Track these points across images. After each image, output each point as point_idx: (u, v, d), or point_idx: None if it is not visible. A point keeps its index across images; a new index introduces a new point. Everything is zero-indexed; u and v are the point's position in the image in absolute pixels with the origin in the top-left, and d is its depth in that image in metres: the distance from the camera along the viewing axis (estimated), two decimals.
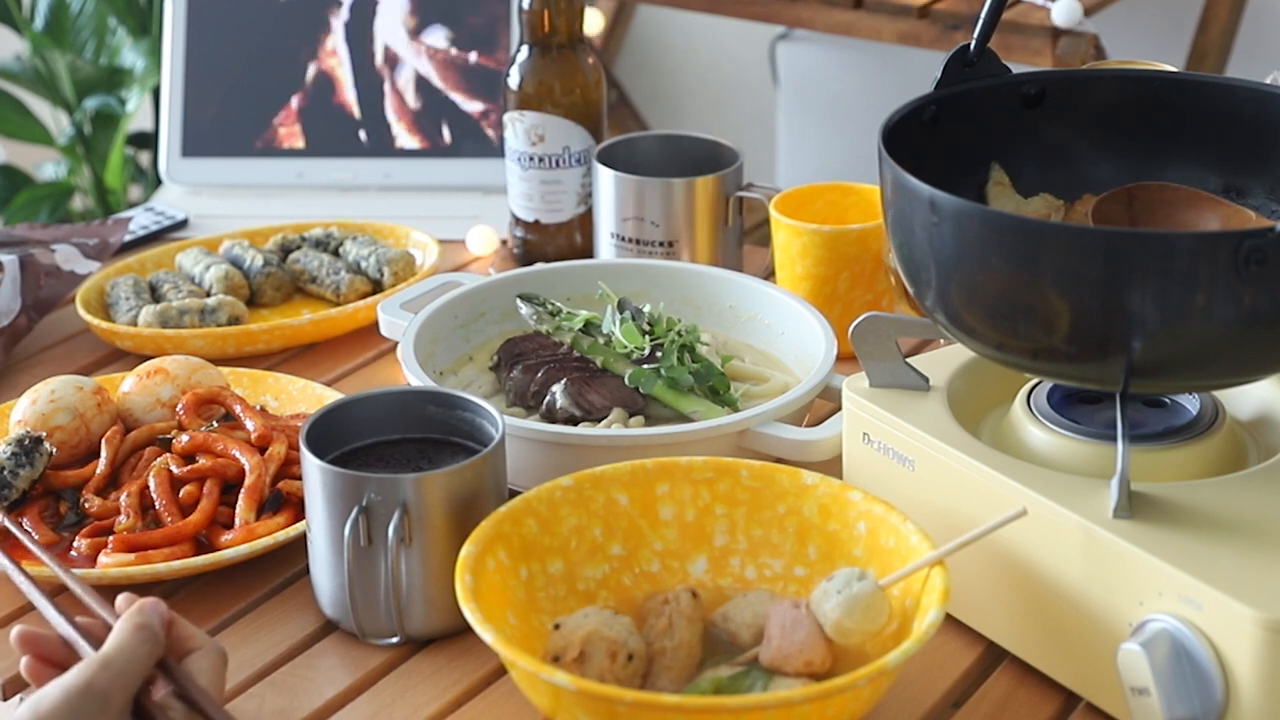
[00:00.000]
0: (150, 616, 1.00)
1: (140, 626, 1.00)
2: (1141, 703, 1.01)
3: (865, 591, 1.05)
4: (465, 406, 1.21)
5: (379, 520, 1.13)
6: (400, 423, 1.22)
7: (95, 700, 0.96)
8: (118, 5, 2.82)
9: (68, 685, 0.96)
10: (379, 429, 1.21)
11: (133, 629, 0.99)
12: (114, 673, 0.97)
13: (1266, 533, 1.03)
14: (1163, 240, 1.02)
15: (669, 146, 1.66)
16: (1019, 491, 1.08)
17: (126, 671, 0.97)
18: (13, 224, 2.59)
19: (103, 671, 0.97)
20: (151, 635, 0.99)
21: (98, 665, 0.97)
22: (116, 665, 0.97)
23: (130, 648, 0.98)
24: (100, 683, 0.96)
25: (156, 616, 1.01)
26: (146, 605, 1.01)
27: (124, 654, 0.98)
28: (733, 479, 1.17)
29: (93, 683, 0.96)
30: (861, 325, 1.18)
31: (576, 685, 0.98)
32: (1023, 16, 2.16)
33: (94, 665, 0.97)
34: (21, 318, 1.56)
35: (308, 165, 1.89)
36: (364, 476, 1.13)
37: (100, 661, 0.97)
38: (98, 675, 0.97)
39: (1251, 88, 1.19)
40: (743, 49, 3.20)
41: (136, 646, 0.98)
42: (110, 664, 0.97)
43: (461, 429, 1.21)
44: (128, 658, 0.98)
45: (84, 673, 0.97)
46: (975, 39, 1.19)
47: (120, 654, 0.98)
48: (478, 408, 1.20)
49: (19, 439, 1.29)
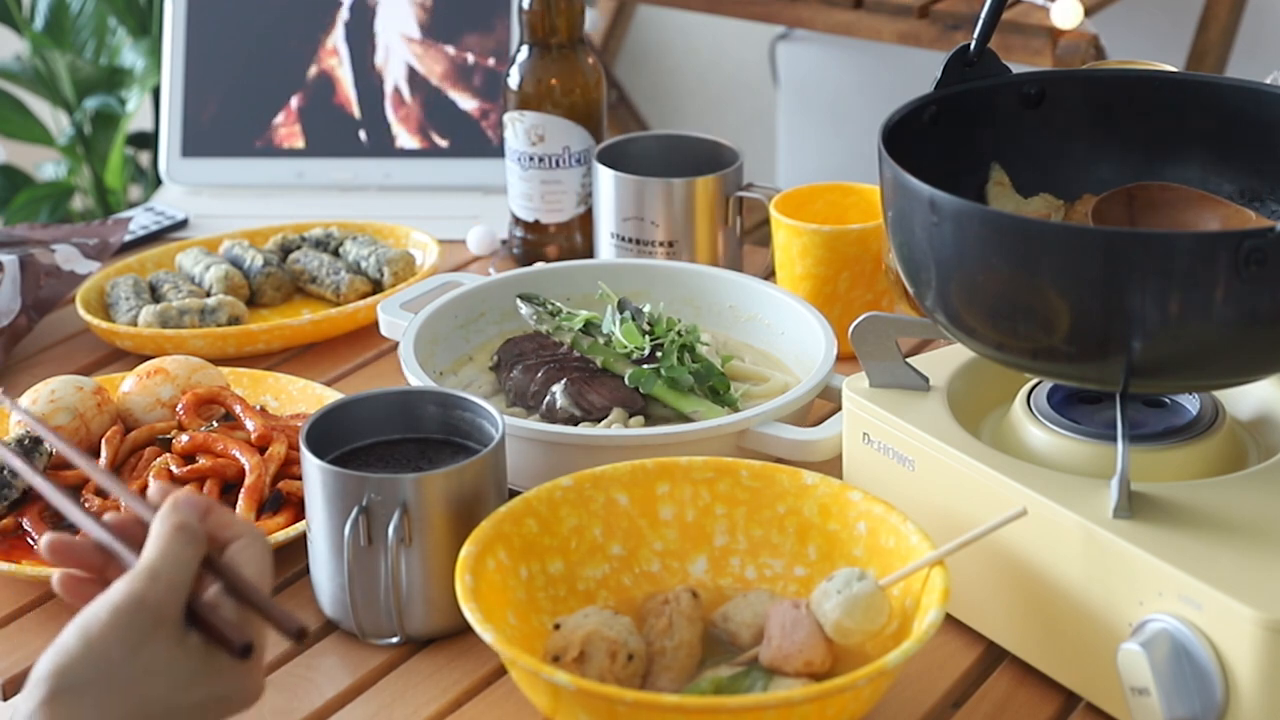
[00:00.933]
0: (188, 514, 0.92)
1: (180, 527, 0.91)
2: (1141, 703, 1.01)
3: (865, 591, 1.05)
4: (465, 406, 1.21)
5: (379, 520, 1.13)
6: (400, 423, 1.22)
7: (149, 615, 0.88)
8: (118, 5, 2.82)
9: (116, 603, 0.88)
10: (379, 429, 1.21)
11: (173, 531, 0.91)
12: (164, 584, 0.89)
13: (1266, 533, 1.03)
14: (1163, 240, 1.02)
15: (669, 146, 1.66)
16: (1019, 491, 1.08)
17: (175, 580, 0.90)
18: (13, 224, 2.59)
19: (152, 584, 0.89)
20: (193, 535, 0.91)
21: (145, 578, 0.89)
22: (165, 575, 0.89)
23: (175, 553, 0.90)
24: (151, 596, 0.88)
25: (194, 512, 0.92)
26: (182, 502, 0.93)
27: (169, 561, 0.90)
28: (733, 479, 1.17)
29: (144, 598, 0.88)
30: (861, 325, 1.18)
31: (576, 685, 0.98)
32: (1023, 16, 2.16)
33: (141, 578, 0.89)
34: (21, 318, 1.56)
35: (308, 165, 1.89)
36: (364, 476, 1.13)
37: (147, 573, 0.89)
38: (148, 589, 0.89)
39: (1251, 88, 1.19)
40: (743, 49, 3.20)
41: (180, 550, 0.90)
42: (158, 575, 0.89)
43: (462, 429, 1.21)
44: (174, 565, 0.90)
45: (132, 587, 0.89)
46: (975, 39, 1.19)
47: (166, 561, 0.90)
48: (478, 408, 1.20)
49: (19, 439, 1.29)
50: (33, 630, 1.20)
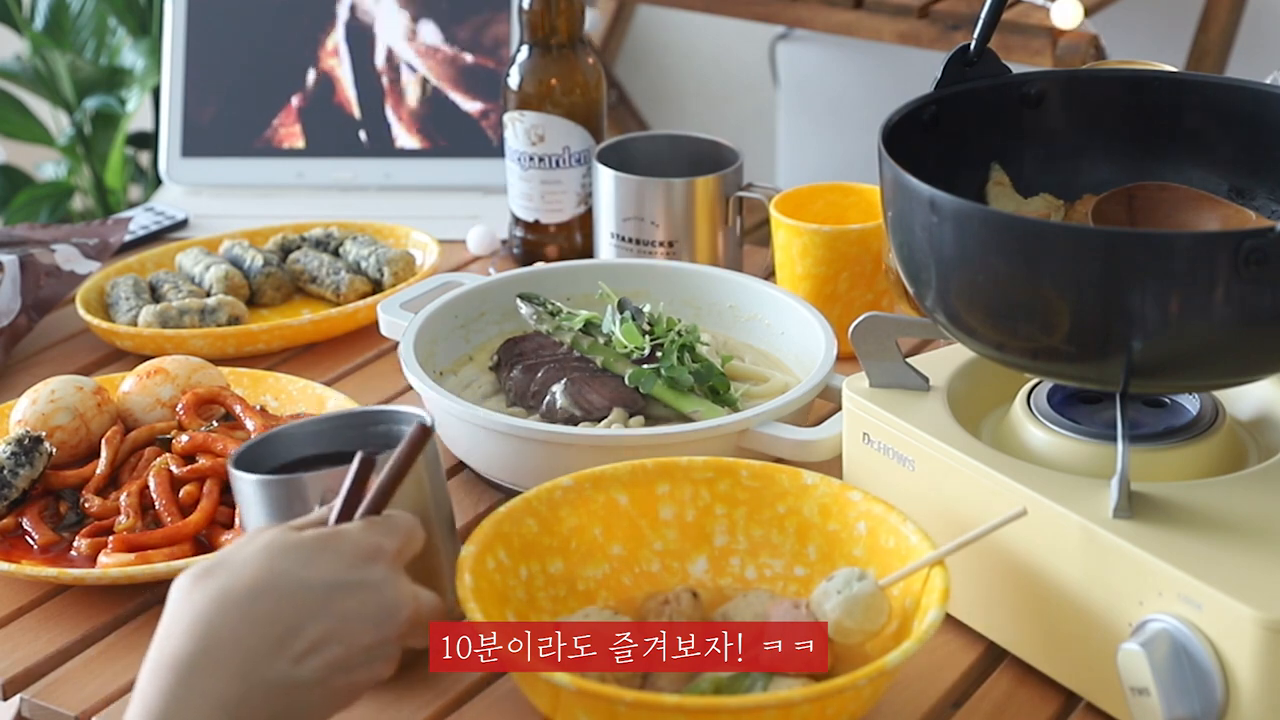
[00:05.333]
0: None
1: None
2: (1141, 703, 1.01)
3: (865, 591, 1.05)
4: (393, 419, 1.15)
5: None
6: (330, 442, 1.16)
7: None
8: (118, 5, 2.82)
9: None
10: (308, 448, 1.15)
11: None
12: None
13: (1266, 533, 1.03)
14: (1163, 240, 1.02)
15: (669, 146, 1.66)
16: (1019, 491, 1.08)
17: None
18: (13, 224, 2.59)
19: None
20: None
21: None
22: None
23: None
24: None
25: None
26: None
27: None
28: (733, 479, 1.17)
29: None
30: (861, 325, 1.18)
31: (576, 685, 0.98)
32: (1023, 16, 2.16)
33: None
34: (21, 318, 1.56)
35: (308, 165, 1.89)
36: (314, 475, 1.07)
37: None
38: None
39: (1251, 88, 1.19)
40: (743, 49, 3.20)
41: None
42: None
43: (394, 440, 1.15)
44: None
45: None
46: (975, 39, 1.19)
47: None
48: (404, 416, 1.14)
49: (19, 439, 1.29)
50: (33, 630, 1.20)
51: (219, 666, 0.92)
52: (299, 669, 0.93)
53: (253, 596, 0.94)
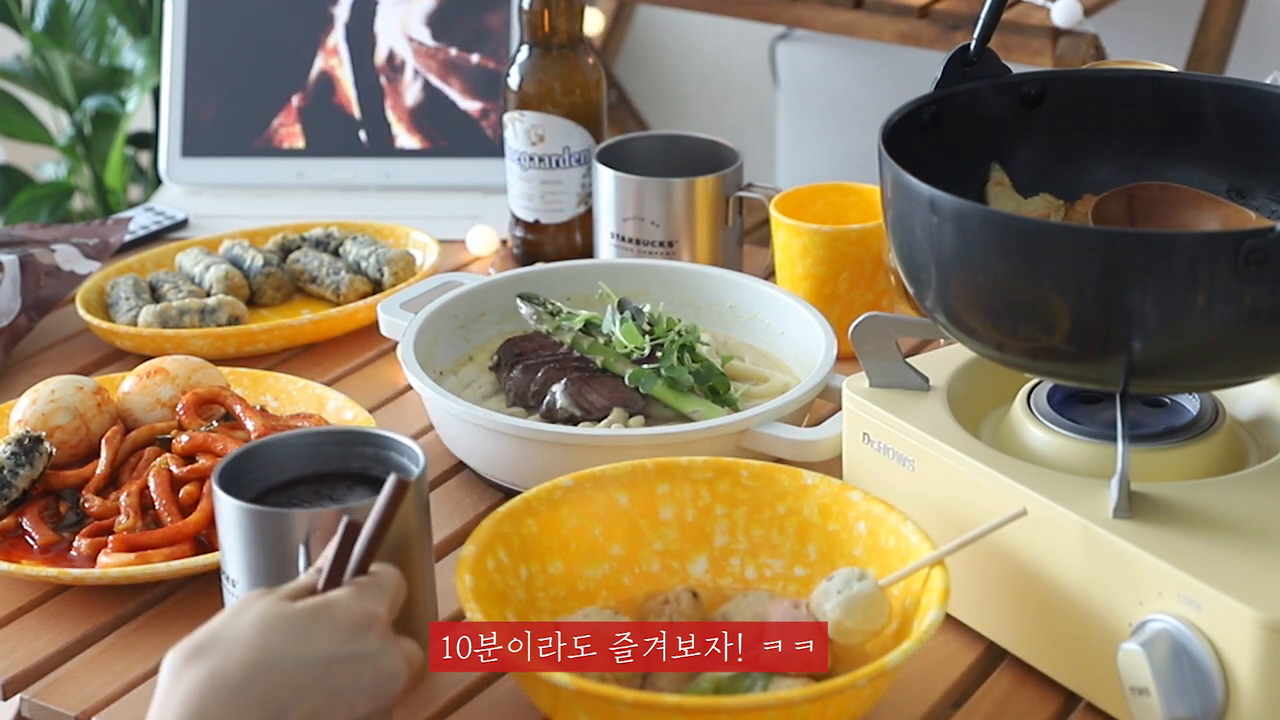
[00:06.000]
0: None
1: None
2: (1141, 703, 1.01)
3: (865, 591, 1.05)
4: (382, 444, 1.13)
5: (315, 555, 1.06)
6: (315, 462, 1.14)
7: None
8: (118, 5, 2.82)
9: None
10: (294, 468, 1.14)
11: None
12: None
13: (1266, 533, 1.03)
14: (1163, 240, 1.02)
15: (669, 146, 1.66)
16: (1019, 491, 1.08)
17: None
18: (13, 224, 2.59)
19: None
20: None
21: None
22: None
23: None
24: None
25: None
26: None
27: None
28: (733, 479, 1.17)
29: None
30: (861, 325, 1.18)
31: (576, 685, 0.98)
32: (1023, 16, 2.16)
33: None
34: (21, 318, 1.56)
35: (308, 165, 1.89)
36: (299, 514, 1.06)
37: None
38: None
39: (1251, 88, 1.19)
40: (743, 49, 3.20)
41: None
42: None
43: (381, 464, 1.14)
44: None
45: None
46: (975, 39, 1.19)
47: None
48: (397, 444, 1.12)
49: (19, 439, 1.29)
50: (33, 630, 1.20)
51: None
52: None
53: (246, 678, 0.92)
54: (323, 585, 0.99)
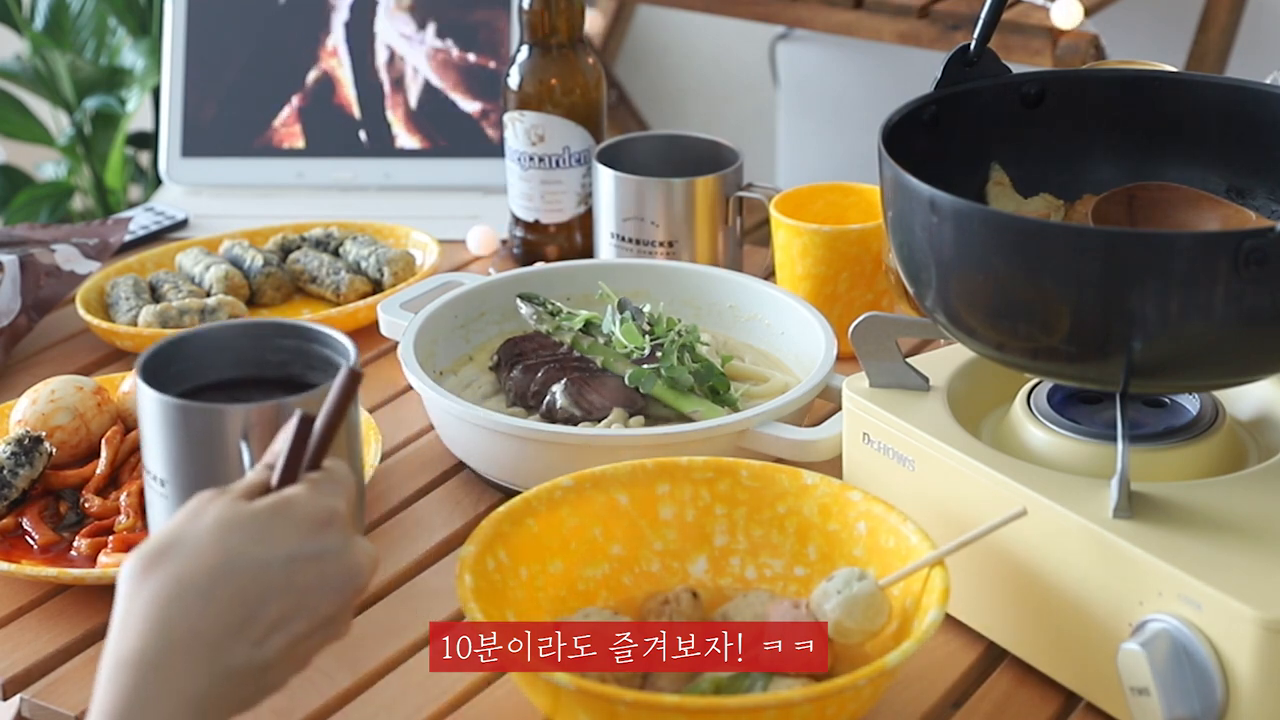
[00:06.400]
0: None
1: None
2: (1141, 703, 1.01)
3: (865, 591, 1.05)
4: (307, 336, 1.09)
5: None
6: (242, 362, 1.10)
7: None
8: (118, 5, 2.81)
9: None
10: (217, 369, 1.09)
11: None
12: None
13: (1266, 533, 1.03)
14: (1163, 240, 1.02)
15: (669, 146, 1.66)
16: (1019, 491, 1.08)
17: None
18: (13, 224, 2.59)
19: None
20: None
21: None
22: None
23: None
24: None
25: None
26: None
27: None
28: (733, 479, 1.17)
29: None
30: (861, 325, 1.18)
31: (576, 685, 0.98)
32: (1023, 16, 2.16)
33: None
34: (21, 318, 1.56)
35: (308, 165, 1.89)
36: (233, 409, 1.01)
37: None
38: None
39: (1251, 88, 1.19)
40: (743, 49, 3.20)
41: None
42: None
43: (310, 361, 1.10)
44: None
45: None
46: (975, 39, 1.19)
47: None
48: (326, 338, 1.09)
49: (19, 439, 1.29)
50: (33, 630, 1.20)
51: (181, 661, 0.88)
52: (262, 650, 0.90)
53: (211, 582, 0.89)
54: (277, 482, 0.95)
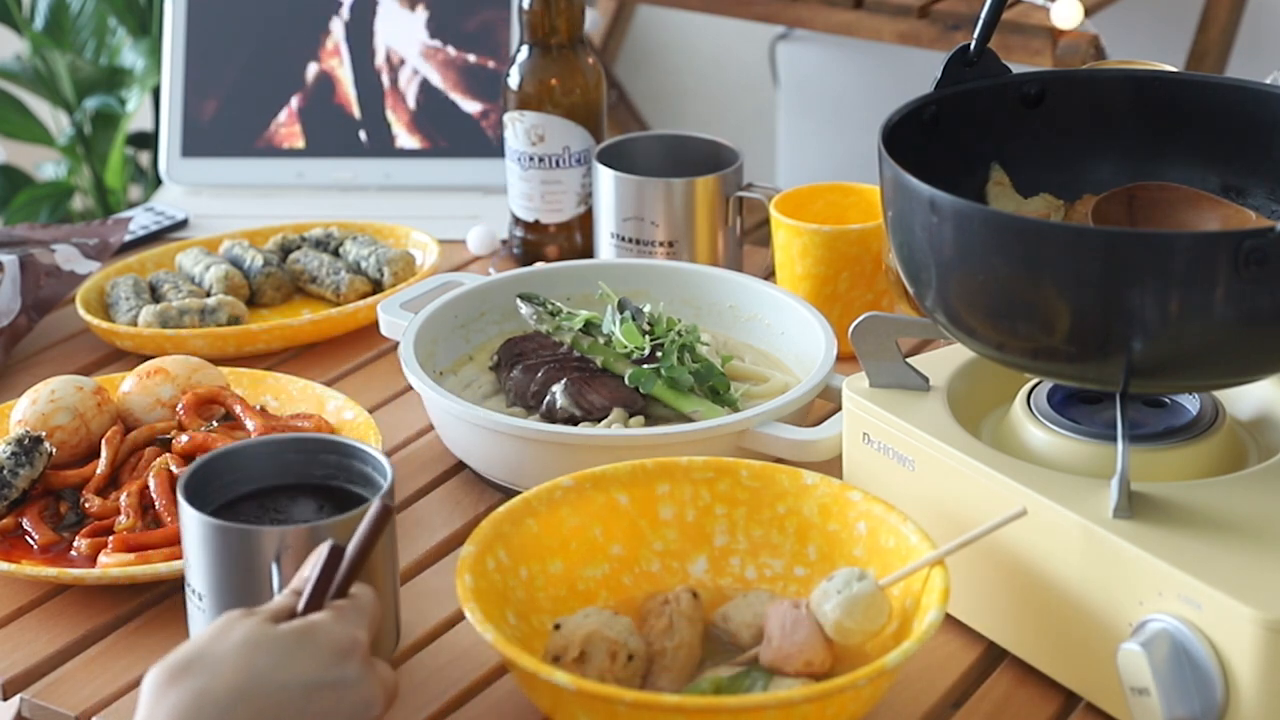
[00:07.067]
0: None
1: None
2: (1141, 703, 1.01)
3: (865, 591, 1.05)
4: (345, 452, 1.13)
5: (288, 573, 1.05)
6: (280, 469, 1.14)
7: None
8: (118, 5, 2.82)
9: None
10: (260, 477, 1.13)
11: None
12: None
13: (1266, 533, 1.03)
14: (1163, 240, 1.02)
15: (669, 146, 1.66)
16: (1019, 491, 1.08)
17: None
18: (13, 224, 2.59)
19: None
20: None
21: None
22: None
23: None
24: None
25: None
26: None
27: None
28: (733, 479, 1.17)
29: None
30: (861, 325, 1.18)
31: (576, 685, 0.98)
32: (1023, 16, 2.16)
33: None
34: (21, 318, 1.56)
35: (308, 165, 1.89)
36: (268, 531, 1.05)
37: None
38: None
39: (1251, 88, 1.19)
40: (743, 49, 3.20)
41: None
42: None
43: (344, 474, 1.14)
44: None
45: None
46: (975, 39, 1.19)
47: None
48: (366, 455, 1.13)
49: (19, 439, 1.29)
50: (33, 630, 1.20)
51: None
52: None
53: (232, 701, 0.92)
54: (303, 608, 0.99)
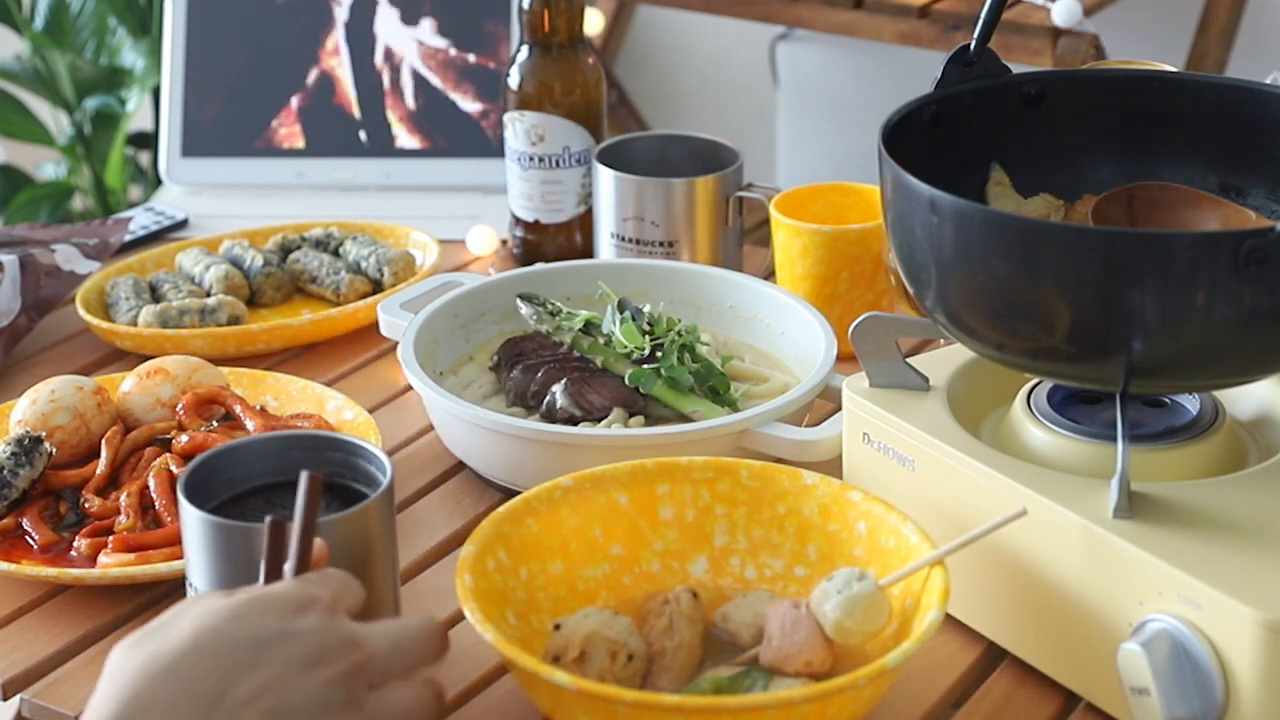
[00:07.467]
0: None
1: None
2: (1141, 703, 1.01)
3: (865, 591, 1.05)
4: (348, 450, 1.12)
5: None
6: (282, 466, 1.13)
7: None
8: (118, 5, 2.82)
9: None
10: (258, 474, 1.12)
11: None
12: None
13: (1266, 533, 1.03)
14: (1163, 240, 1.02)
15: (669, 146, 1.66)
16: (1019, 491, 1.08)
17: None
18: (13, 224, 2.59)
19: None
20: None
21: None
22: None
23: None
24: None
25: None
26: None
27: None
28: (733, 479, 1.17)
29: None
30: (861, 325, 1.18)
31: (576, 685, 0.98)
32: (1023, 16, 2.16)
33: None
34: (21, 318, 1.56)
35: (308, 165, 1.89)
36: (260, 526, 1.02)
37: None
38: None
39: (1251, 88, 1.19)
40: (743, 49, 3.20)
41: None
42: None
43: (347, 471, 1.13)
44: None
45: None
46: (975, 39, 1.19)
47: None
48: (367, 453, 1.11)
49: (19, 439, 1.29)
50: (33, 630, 1.20)
51: None
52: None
53: (179, 659, 0.92)
54: (261, 583, 0.99)
